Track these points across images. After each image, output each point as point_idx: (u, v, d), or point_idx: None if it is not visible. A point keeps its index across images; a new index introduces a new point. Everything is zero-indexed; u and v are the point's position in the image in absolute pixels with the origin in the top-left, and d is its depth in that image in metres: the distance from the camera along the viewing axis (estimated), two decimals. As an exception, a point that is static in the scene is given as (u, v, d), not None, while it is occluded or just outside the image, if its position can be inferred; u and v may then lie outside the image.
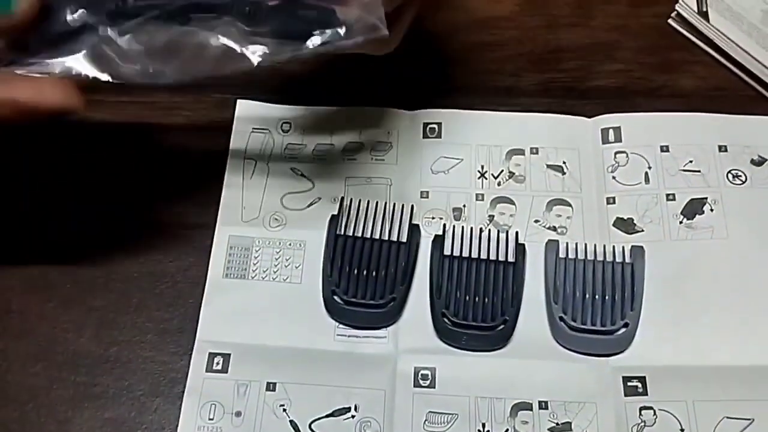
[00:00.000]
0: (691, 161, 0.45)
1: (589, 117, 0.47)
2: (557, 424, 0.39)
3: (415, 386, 0.40)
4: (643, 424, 0.39)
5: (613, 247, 0.43)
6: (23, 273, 0.43)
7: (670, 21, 0.50)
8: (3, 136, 0.41)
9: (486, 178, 0.45)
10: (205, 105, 0.48)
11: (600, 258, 0.42)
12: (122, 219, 0.44)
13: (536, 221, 0.44)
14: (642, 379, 0.40)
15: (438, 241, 0.43)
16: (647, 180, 0.45)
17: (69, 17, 0.33)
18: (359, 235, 0.43)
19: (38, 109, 0.33)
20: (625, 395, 0.40)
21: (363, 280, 0.42)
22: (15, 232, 0.44)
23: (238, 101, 0.48)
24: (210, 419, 0.39)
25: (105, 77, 0.33)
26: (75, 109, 0.33)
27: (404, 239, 0.43)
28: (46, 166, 0.46)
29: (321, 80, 0.49)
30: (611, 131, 0.46)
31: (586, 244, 0.43)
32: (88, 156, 0.46)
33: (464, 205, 0.44)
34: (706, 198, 0.44)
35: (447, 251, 0.43)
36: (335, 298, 0.42)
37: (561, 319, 0.41)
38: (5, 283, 0.43)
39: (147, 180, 0.46)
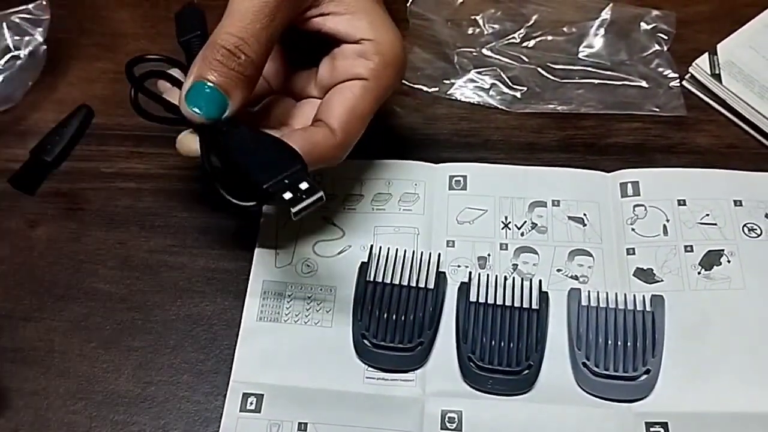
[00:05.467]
0: (707, 214, 0.47)
1: (608, 172, 0.49)
2: (582, 468, 0.40)
3: (441, 428, 0.41)
4: (666, 469, 0.40)
5: (634, 295, 0.44)
6: (67, 315, 0.45)
7: (684, 83, 0.53)
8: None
9: (509, 229, 0.47)
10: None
11: (621, 306, 0.44)
12: (163, 264, 0.47)
13: (558, 270, 0.46)
14: (664, 425, 0.41)
15: (464, 288, 0.45)
16: (665, 232, 0.46)
17: None
18: (388, 281, 0.45)
19: None
20: (648, 441, 0.41)
21: (392, 324, 0.43)
22: (61, 274, 0.46)
23: (273, 154, 0.50)
24: (243, 458, 0.40)
25: None
26: None
27: (431, 286, 0.45)
28: (91, 210, 0.48)
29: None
30: (630, 185, 0.48)
31: (607, 293, 0.44)
32: (130, 202, 0.49)
33: (489, 254, 0.46)
34: (723, 250, 0.46)
35: (473, 298, 0.44)
36: (365, 341, 0.43)
37: (584, 364, 0.42)
38: (49, 324, 0.45)
39: (186, 228, 0.48)
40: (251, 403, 0.42)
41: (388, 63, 0.42)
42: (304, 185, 0.36)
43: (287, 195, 0.36)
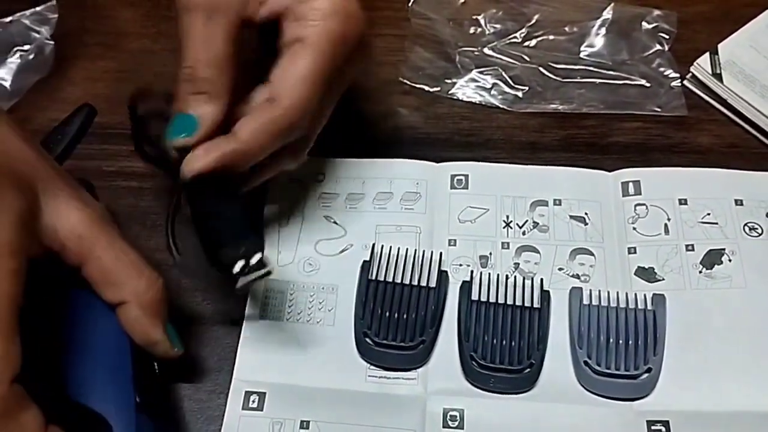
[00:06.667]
0: (708, 214, 0.47)
1: (610, 171, 0.49)
2: (583, 466, 0.40)
3: (444, 427, 0.41)
4: (667, 466, 0.40)
5: (635, 294, 0.44)
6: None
7: (685, 82, 0.53)
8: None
9: (511, 228, 0.47)
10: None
11: (623, 305, 0.44)
12: (164, 263, 0.46)
13: (560, 269, 0.46)
14: (665, 423, 0.41)
15: (465, 286, 0.45)
16: (667, 231, 0.46)
17: None
18: (390, 280, 0.45)
19: None
20: (650, 439, 0.41)
21: (394, 322, 0.44)
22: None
23: (275, 153, 0.50)
24: (246, 455, 0.41)
25: None
26: None
27: (433, 284, 0.45)
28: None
29: (354, 133, 0.51)
30: (631, 185, 0.48)
31: (608, 292, 0.44)
32: (132, 201, 0.49)
33: (490, 253, 0.46)
34: (724, 249, 0.46)
35: (474, 296, 0.44)
36: (367, 340, 0.43)
37: (586, 363, 0.42)
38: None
39: (188, 227, 0.48)
40: (254, 401, 0.42)
41: (327, 15, 0.40)
42: (256, 258, 0.37)
43: (237, 266, 0.37)
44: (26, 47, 0.53)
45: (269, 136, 0.40)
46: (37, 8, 0.54)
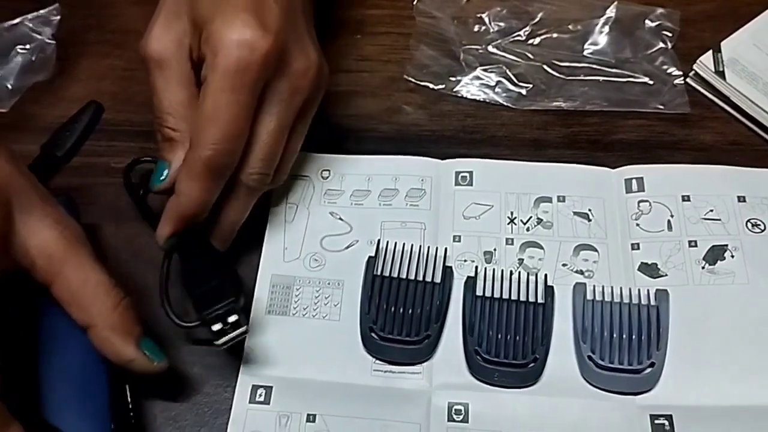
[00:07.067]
0: (711, 210, 0.47)
1: (613, 168, 0.49)
2: (587, 459, 0.41)
3: (448, 420, 0.42)
4: (671, 459, 0.41)
5: (639, 290, 0.45)
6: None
7: (688, 80, 0.53)
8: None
9: (515, 224, 0.48)
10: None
11: (626, 300, 0.44)
12: (172, 259, 0.47)
13: (564, 265, 0.46)
14: (668, 417, 0.41)
15: (470, 282, 0.45)
16: (670, 227, 0.47)
17: None
18: (395, 275, 0.45)
19: None
20: (653, 433, 0.41)
21: (399, 317, 0.44)
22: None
23: (281, 150, 0.51)
24: (253, 449, 0.41)
25: None
26: None
27: (438, 280, 0.45)
28: (101, 205, 0.49)
29: (359, 130, 0.52)
30: (634, 181, 0.48)
31: (612, 287, 0.45)
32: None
33: (495, 249, 0.47)
34: (727, 245, 0.46)
35: (479, 292, 0.45)
36: (372, 334, 0.44)
37: (589, 358, 0.43)
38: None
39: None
40: (260, 395, 0.42)
41: (219, 49, 0.40)
42: (232, 318, 0.40)
43: (216, 326, 0.40)
44: (28, 46, 0.54)
45: (194, 182, 0.41)
46: (41, 11, 0.54)
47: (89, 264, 0.38)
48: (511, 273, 0.46)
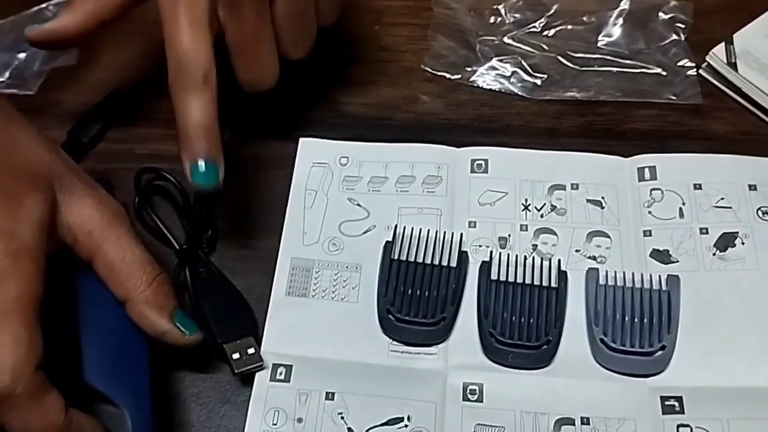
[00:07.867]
0: (722, 198, 0.48)
1: (626, 157, 0.50)
2: (598, 438, 0.42)
3: (464, 400, 0.43)
4: (680, 440, 0.42)
5: (650, 275, 0.46)
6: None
7: (701, 71, 0.54)
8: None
9: (529, 211, 0.49)
10: (271, 142, 0.52)
11: (638, 285, 0.45)
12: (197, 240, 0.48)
13: (577, 251, 0.47)
14: (679, 399, 0.42)
15: (485, 266, 0.46)
16: (681, 215, 0.48)
17: None
18: (412, 259, 0.47)
19: None
20: (663, 413, 0.42)
21: (416, 300, 0.45)
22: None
23: (301, 139, 0.52)
24: (274, 425, 0.42)
25: None
26: None
27: (454, 264, 0.46)
28: (126, 190, 0.50)
29: (377, 119, 0.53)
30: (647, 170, 0.49)
31: (624, 272, 0.46)
32: (163, 183, 0.51)
33: (509, 235, 0.48)
34: (738, 232, 0.47)
35: (494, 276, 0.46)
36: (389, 316, 0.45)
37: (602, 340, 0.44)
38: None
39: (218, 207, 0.50)
40: (281, 373, 0.44)
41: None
42: (251, 350, 0.43)
43: (236, 356, 0.43)
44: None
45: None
46: (63, -1, 0.56)
47: (127, 241, 0.40)
48: (525, 258, 0.47)
